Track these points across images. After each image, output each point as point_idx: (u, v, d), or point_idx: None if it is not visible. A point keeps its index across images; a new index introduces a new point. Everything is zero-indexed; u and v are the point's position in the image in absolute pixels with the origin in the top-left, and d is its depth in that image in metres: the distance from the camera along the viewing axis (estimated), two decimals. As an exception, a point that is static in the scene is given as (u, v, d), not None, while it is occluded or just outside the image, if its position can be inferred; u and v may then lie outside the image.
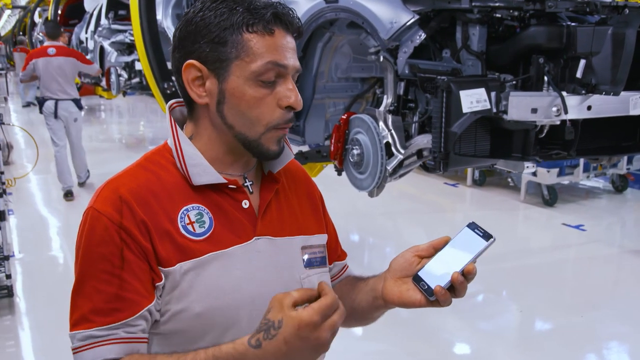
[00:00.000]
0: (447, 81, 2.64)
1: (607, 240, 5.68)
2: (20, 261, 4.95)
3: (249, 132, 1.11)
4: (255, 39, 1.07)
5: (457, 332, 3.85)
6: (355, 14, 2.93)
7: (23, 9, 19.06)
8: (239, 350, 0.96)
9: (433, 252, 1.16)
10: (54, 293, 4.23)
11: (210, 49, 1.08)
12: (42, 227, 6.03)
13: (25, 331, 3.87)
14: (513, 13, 2.78)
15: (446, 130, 2.66)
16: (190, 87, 1.12)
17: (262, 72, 1.07)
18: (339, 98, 3.50)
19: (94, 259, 1.06)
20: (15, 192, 6.84)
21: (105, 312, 1.04)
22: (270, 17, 1.07)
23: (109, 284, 1.05)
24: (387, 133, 2.97)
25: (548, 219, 6.15)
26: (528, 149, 2.71)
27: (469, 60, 2.83)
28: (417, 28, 2.78)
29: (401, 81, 3.03)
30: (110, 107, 15.29)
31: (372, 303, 1.25)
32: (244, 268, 1.12)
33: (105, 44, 9.03)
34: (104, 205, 1.08)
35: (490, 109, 2.67)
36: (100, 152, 8.98)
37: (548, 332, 3.97)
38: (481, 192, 6.97)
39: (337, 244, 1.39)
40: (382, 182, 2.97)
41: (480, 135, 2.78)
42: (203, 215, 1.11)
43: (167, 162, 1.14)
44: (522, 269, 4.87)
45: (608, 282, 4.81)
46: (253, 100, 1.09)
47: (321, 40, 3.31)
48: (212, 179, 1.12)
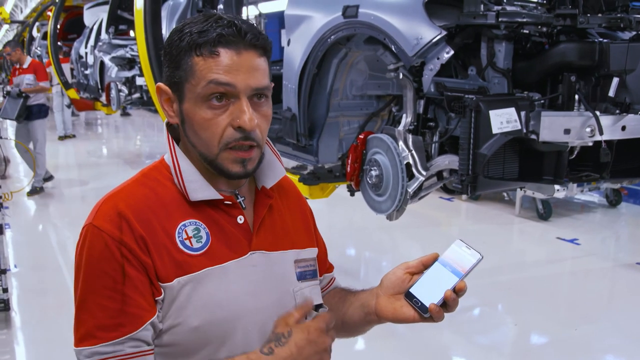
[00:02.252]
0: (476, 100, 2.36)
1: (602, 254, 5.54)
2: (16, 275, 4.78)
3: (207, 151, 1.08)
4: (201, 62, 1.04)
5: (453, 345, 3.73)
6: (376, 30, 2.63)
7: (21, 23, 18.48)
8: (251, 358, 1.01)
9: (422, 269, 1.16)
10: (50, 307, 4.13)
11: (170, 72, 1.08)
12: (38, 241, 5.85)
13: (21, 346, 3.73)
14: (541, 29, 2.51)
15: (475, 152, 2.38)
16: (164, 108, 1.12)
17: (206, 93, 1.04)
18: (354, 116, 3.19)
19: (95, 275, 1.03)
20: (12, 206, 6.66)
21: (110, 327, 1.02)
22: (214, 39, 1.03)
23: (112, 300, 1.02)
24: (408, 153, 2.67)
25: (543, 233, 5.97)
26: (560, 171, 2.43)
27: (494, 78, 2.55)
28: (444, 44, 2.49)
29: (421, 99, 2.74)
30: (108, 122, 14.96)
31: (364, 318, 1.24)
32: (239, 282, 1.10)
33: (106, 59, 8.63)
34: (103, 221, 1.05)
35: (521, 129, 2.39)
36: (97, 166, 8.74)
37: (543, 346, 3.85)
38: (476, 206, 6.77)
39: (326, 256, 1.37)
40: (402, 205, 2.68)
41: (509, 156, 2.51)
42: (200, 230, 1.09)
43: (164, 178, 1.12)
44: (517, 282, 4.74)
45: (603, 296, 4.67)
46: (202, 121, 1.06)
47: (336, 56, 3.01)
48: (208, 195, 1.10)
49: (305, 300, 1.14)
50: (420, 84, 2.73)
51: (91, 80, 9.59)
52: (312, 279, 1.22)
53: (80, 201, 6.92)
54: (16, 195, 7.07)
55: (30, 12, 17.48)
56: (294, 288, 1.18)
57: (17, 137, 7.34)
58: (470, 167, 2.40)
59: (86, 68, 9.76)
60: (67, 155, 10.71)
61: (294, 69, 3.10)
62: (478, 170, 2.39)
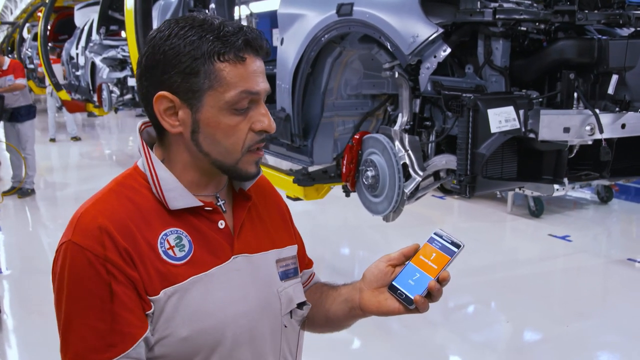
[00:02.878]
0: (474, 99, 2.28)
1: (594, 251, 5.49)
2: (7, 278, 4.73)
3: (225, 159, 1.06)
4: (228, 69, 1.01)
5: (447, 343, 3.68)
6: (371, 28, 2.53)
7: (11, 24, 18.20)
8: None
9: (404, 260, 1.14)
10: (41, 310, 4.00)
11: (181, 80, 1.01)
12: (29, 244, 5.75)
13: (13, 349, 3.68)
14: (539, 26, 2.43)
15: (473, 151, 2.29)
16: (163, 118, 1.05)
17: (236, 102, 1.02)
18: (349, 116, 3.10)
19: (80, 296, 0.98)
20: (3, 209, 6.63)
21: (101, 349, 0.97)
22: (241, 45, 1.01)
23: (101, 321, 0.97)
24: (404, 154, 2.58)
25: (535, 230, 5.91)
26: (560, 170, 2.35)
27: (492, 77, 2.47)
28: (441, 42, 2.40)
29: (417, 98, 2.66)
30: (101, 123, 14.76)
31: (348, 313, 1.21)
32: (225, 288, 1.07)
33: (97, 60, 8.45)
34: (84, 238, 0.99)
35: (520, 128, 2.31)
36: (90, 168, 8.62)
37: (536, 343, 3.81)
38: (468, 204, 6.71)
39: (305, 252, 1.33)
40: (399, 205, 2.59)
41: (507, 156, 2.43)
42: (182, 238, 1.05)
43: (141, 185, 1.07)
44: (509, 280, 4.70)
45: (595, 292, 4.63)
46: (228, 129, 1.03)
47: (331, 55, 2.90)
48: (188, 203, 1.06)
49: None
50: (416, 82, 2.64)
51: (82, 81, 9.41)
52: (295, 277, 1.21)
53: (71, 203, 6.83)
54: (7, 197, 7.00)
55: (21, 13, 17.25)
56: (278, 288, 1.15)
57: (7, 139, 7.23)
58: (468, 167, 2.31)
59: (77, 69, 9.57)
60: (59, 156, 10.56)
61: (288, 69, 3.00)
62: (476, 170, 2.31)
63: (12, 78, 6.96)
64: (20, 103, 6.99)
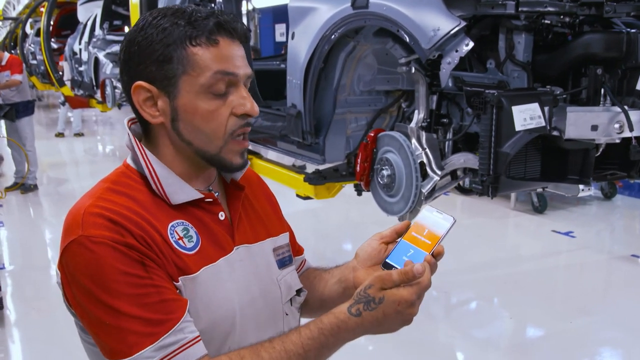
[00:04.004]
0: (498, 95, 2.11)
1: (597, 247, 5.34)
2: (10, 273, 4.60)
3: (208, 147, 1.01)
4: (200, 52, 0.98)
5: (449, 339, 3.58)
6: (388, 21, 2.35)
7: (14, 20, 17.85)
8: (340, 319, 0.96)
9: (396, 237, 1.10)
10: (44, 305, 3.94)
11: (156, 68, 0.98)
12: (32, 239, 5.62)
13: (16, 344, 3.59)
14: (564, 19, 2.26)
15: (496, 150, 2.13)
16: (142, 108, 1.01)
17: (211, 84, 0.98)
18: (361, 113, 2.91)
19: (117, 280, 0.91)
20: (6, 204, 6.49)
21: (160, 321, 0.92)
22: (212, 27, 0.98)
23: (148, 296, 0.92)
24: (421, 152, 2.42)
25: (538, 226, 5.75)
26: (587, 170, 2.19)
27: (514, 72, 2.30)
28: (464, 36, 2.23)
29: (433, 94, 2.49)
30: (103, 119, 14.50)
31: (342, 293, 1.17)
32: (231, 279, 1.04)
33: (100, 55, 8.19)
34: (98, 230, 0.93)
35: (545, 126, 2.15)
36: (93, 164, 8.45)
37: (540, 339, 3.70)
38: (471, 200, 6.54)
39: (295, 239, 1.29)
40: (416, 206, 2.43)
41: (531, 155, 2.26)
42: (189, 230, 1.02)
43: (136, 182, 1.02)
44: (512, 276, 4.55)
45: (598, 288, 4.51)
46: (207, 114, 0.99)
47: (344, 50, 2.71)
48: (190, 196, 1.03)
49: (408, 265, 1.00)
50: (432, 78, 2.48)
51: (85, 77, 9.15)
52: (290, 265, 1.18)
53: (74, 199, 6.46)
54: (10, 193, 6.82)
55: (23, 9, 16.86)
56: (277, 277, 1.13)
57: (8, 134, 7.05)
58: (491, 166, 2.15)
59: (80, 65, 9.30)
60: (61, 152, 10.33)
61: (299, 64, 2.82)
62: (500, 170, 2.15)
63: (9, 74, 6.77)
64: (18, 99, 6.79)
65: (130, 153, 1.06)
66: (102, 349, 0.94)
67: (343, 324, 0.95)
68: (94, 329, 0.94)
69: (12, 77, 6.78)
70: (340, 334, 0.96)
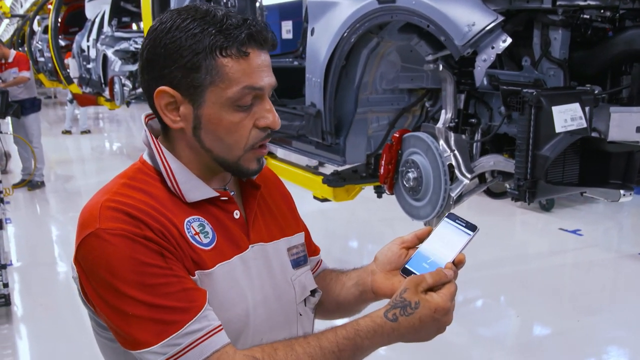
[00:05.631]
0: (537, 95, 1.91)
1: (604, 245, 5.18)
2: (17, 270, 4.47)
3: (228, 156, 0.98)
4: (230, 64, 0.92)
5: (455, 337, 3.43)
6: (418, 16, 2.13)
7: (22, 17, 17.50)
8: (377, 323, 0.93)
9: (417, 242, 1.07)
10: (51, 301, 3.87)
11: (182, 75, 0.93)
12: (39, 236, 5.49)
13: (23, 340, 3.51)
14: (604, 14, 2.05)
15: (534, 153, 1.93)
16: (164, 113, 0.97)
17: (238, 98, 0.94)
18: (383, 112, 2.69)
19: (138, 271, 0.88)
20: (13, 201, 6.29)
21: (184, 309, 0.89)
22: (244, 39, 0.92)
23: (169, 285, 0.89)
24: (450, 154, 2.21)
25: (545, 224, 5.59)
26: (631, 174, 2.00)
27: (550, 70, 2.09)
28: (500, 31, 2.01)
29: (460, 93, 2.28)
30: (110, 116, 14.25)
31: (359, 297, 1.14)
32: (246, 277, 1.00)
33: (109, 52, 7.92)
34: (116, 223, 0.89)
35: (587, 128, 1.95)
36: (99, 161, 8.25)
37: (546, 337, 3.59)
38: (478, 198, 6.34)
39: (311, 239, 1.24)
40: (444, 210, 2.22)
41: (569, 158, 2.06)
42: (205, 226, 0.98)
43: (153, 179, 0.98)
44: (519, 274, 4.42)
45: (606, 287, 4.37)
46: (230, 125, 0.95)
47: (367, 46, 2.49)
48: (205, 194, 0.99)
49: (438, 270, 0.97)
50: (460, 76, 2.27)
51: (94, 74, 8.88)
52: (305, 265, 1.13)
53: (81, 196, 6.54)
54: (17, 190, 6.61)
55: (31, 6, 16.57)
56: (292, 277, 1.09)
57: (15, 131, 6.84)
58: (529, 170, 1.95)
59: (88, 62, 9.01)
60: (69, 149, 10.10)
61: (320, 61, 2.59)
62: (538, 174, 1.95)
63: (16, 71, 6.55)
64: (24, 96, 6.57)
65: (146, 149, 1.02)
66: (125, 341, 0.91)
67: (379, 328, 0.92)
68: (116, 321, 0.90)
69: (20, 74, 6.57)
70: (376, 338, 0.93)
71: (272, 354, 0.90)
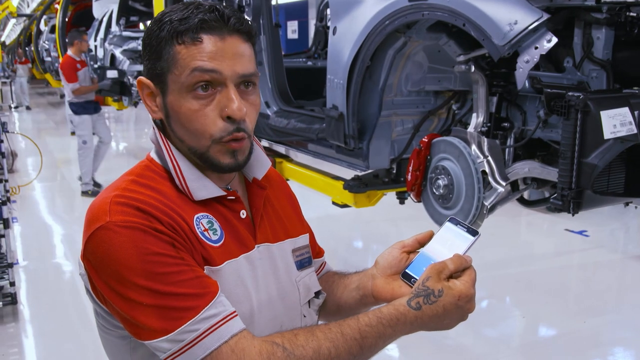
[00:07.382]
0: (584, 98, 1.70)
1: (611, 246, 5.03)
2: (24, 269, 4.36)
3: (196, 145, 0.94)
4: (184, 50, 0.90)
5: (460, 338, 3.33)
6: (453, 14, 1.91)
7: (28, 17, 17.14)
8: (400, 311, 0.90)
9: (418, 246, 1.04)
10: (57, 300, 3.79)
11: (151, 65, 0.94)
12: (46, 235, 5.33)
13: (29, 339, 3.41)
14: (652, 12, 1.85)
15: (580, 161, 1.72)
16: (147, 103, 0.97)
17: (191, 83, 0.90)
18: (408, 115, 2.47)
19: (150, 260, 0.85)
20: (20, 200, 6.16)
21: (199, 295, 0.86)
22: (196, 25, 0.89)
23: (182, 273, 0.86)
24: (483, 160, 2.01)
25: (551, 224, 5.41)
26: (681, 184, 1.79)
27: (593, 72, 1.89)
28: (545, 30, 1.80)
29: (493, 96, 2.07)
30: (116, 116, 13.99)
31: (360, 300, 1.09)
32: (251, 277, 0.97)
33: (117, 52, 7.64)
34: (126, 216, 0.87)
35: (637, 134, 1.74)
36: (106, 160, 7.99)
37: (552, 338, 3.49)
38: (482, 198, 6.19)
39: (315, 241, 1.19)
40: (477, 220, 2.02)
41: (615, 166, 1.86)
42: (213, 223, 0.95)
43: (161, 177, 0.96)
44: (525, 275, 4.29)
45: (612, 288, 4.23)
46: (189, 113, 0.91)
47: (393, 46, 2.26)
48: (212, 193, 0.97)
49: (457, 255, 0.95)
50: (492, 77, 2.06)
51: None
52: (309, 266, 1.10)
53: (87, 195, 6.29)
54: (23, 189, 6.43)
55: (38, 6, 16.20)
56: (296, 278, 1.06)
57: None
58: (574, 179, 1.74)
59: (96, 62, 8.77)
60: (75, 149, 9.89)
61: (342, 61, 2.37)
62: (585, 183, 1.74)
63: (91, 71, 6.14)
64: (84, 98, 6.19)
65: (153, 147, 1.00)
66: (140, 332, 0.86)
67: (402, 316, 0.90)
68: (130, 312, 0.86)
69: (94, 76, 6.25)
70: (398, 326, 0.90)
71: (292, 339, 0.87)
